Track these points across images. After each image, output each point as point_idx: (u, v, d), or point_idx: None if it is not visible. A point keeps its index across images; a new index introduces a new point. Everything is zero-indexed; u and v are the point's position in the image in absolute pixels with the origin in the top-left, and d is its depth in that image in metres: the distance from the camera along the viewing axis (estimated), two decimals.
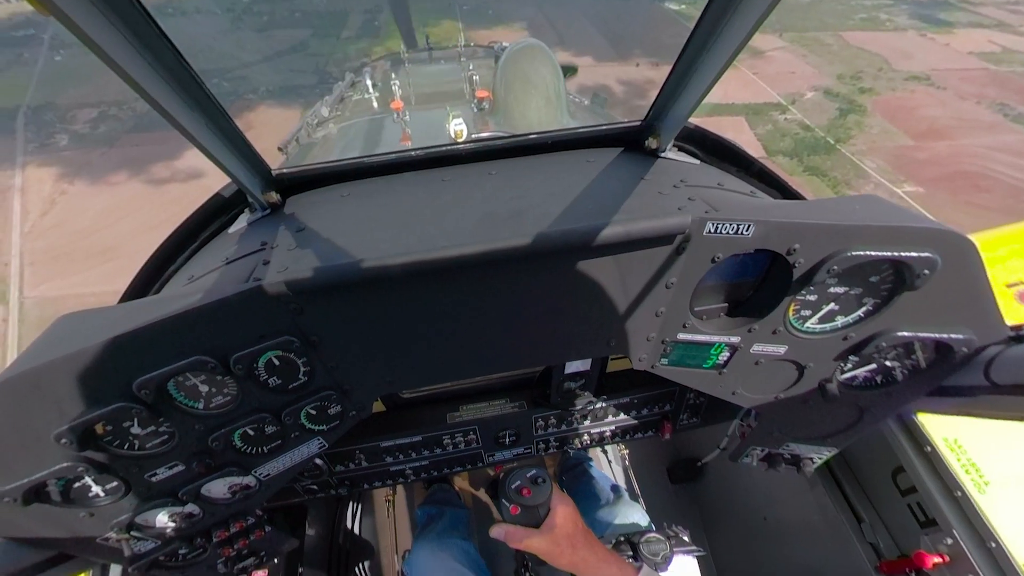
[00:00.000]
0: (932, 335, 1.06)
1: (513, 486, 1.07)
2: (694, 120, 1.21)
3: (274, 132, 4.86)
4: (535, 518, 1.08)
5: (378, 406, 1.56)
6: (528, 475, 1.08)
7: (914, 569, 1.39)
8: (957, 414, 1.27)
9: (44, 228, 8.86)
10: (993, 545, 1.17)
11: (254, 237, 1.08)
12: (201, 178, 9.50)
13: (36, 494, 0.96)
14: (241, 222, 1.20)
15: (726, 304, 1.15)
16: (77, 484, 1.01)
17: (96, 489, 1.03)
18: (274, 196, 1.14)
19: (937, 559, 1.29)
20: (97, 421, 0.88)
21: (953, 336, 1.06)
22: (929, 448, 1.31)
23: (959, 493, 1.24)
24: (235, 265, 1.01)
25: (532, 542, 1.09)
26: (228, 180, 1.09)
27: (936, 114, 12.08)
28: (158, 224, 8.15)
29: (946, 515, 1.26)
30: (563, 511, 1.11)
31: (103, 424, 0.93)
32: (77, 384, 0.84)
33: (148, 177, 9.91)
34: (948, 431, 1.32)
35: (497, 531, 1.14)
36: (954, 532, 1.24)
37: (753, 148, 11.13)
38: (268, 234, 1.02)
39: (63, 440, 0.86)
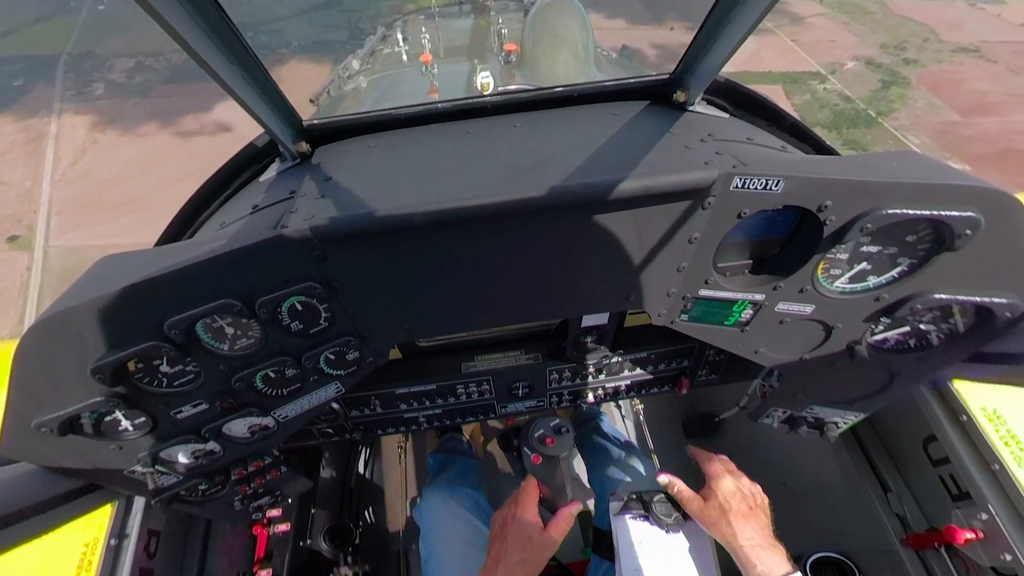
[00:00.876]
0: (972, 298, 1.01)
1: (536, 435, 1.08)
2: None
3: (305, 86, 4.84)
4: (555, 469, 1.08)
5: (395, 353, 1.58)
6: (552, 424, 1.08)
7: (944, 544, 1.36)
8: (997, 383, 1.22)
9: (73, 177, 8.96)
10: None
11: (283, 185, 1.11)
12: (229, 132, 9.49)
13: (71, 426, 1.02)
14: (272, 171, 1.23)
15: (751, 261, 1.12)
16: (108, 418, 1.07)
17: (125, 424, 1.09)
18: (304, 146, 1.16)
19: (970, 535, 1.24)
20: (129, 359, 0.93)
21: (996, 300, 1.00)
22: (965, 417, 1.26)
23: (996, 466, 1.19)
24: (264, 212, 1.04)
25: (693, 504, 1.17)
26: (261, 131, 1.12)
27: (985, 88, 11.22)
28: (182, 177, 8.21)
29: (981, 489, 1.21)
30: (729, 482, 1.18)
31: (135, 362, 0.98)
32: (112, 323, 0.88)
33: (177, 129, 9.93)
34: (987, 400, 1.26)
35: (663, 478, 1.25)
36: (989, 507, 1.19)
37: None
38: (297, 183, 1.05)
39: (97, 376, 0.91)
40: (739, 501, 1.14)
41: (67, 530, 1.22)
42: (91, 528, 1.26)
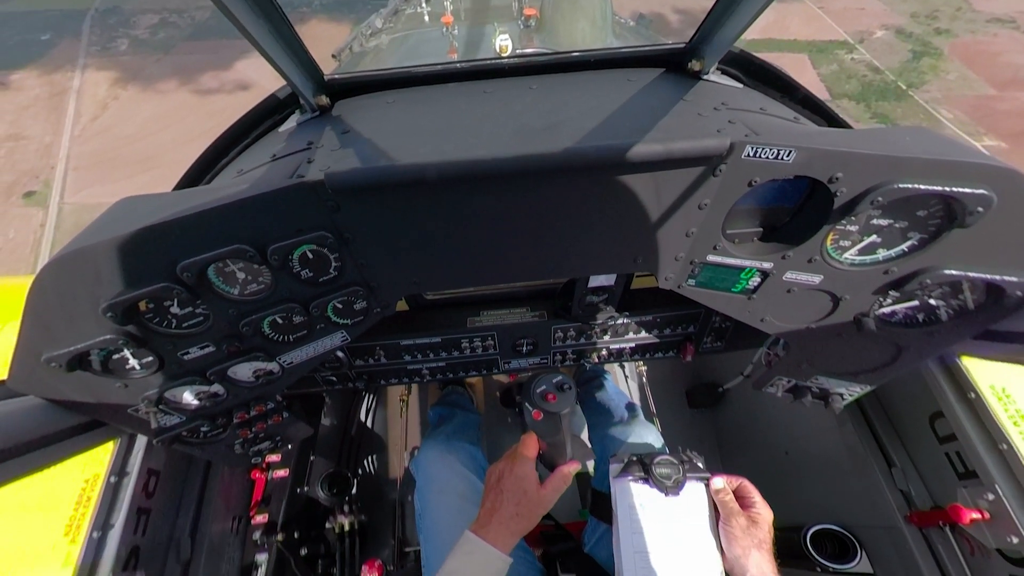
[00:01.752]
0: (983, 275, 1.01)
1: (538, 390, 1.08)
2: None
3: (326, 44, 4.76)
4: (556, 426, 1.07)
5: (402, 305, 1.60)
6: (555, 381, 1.09)
7: (948, 523, 1.36)
8: (1006, 361, 1.23)
9: (93, 133, 8.87)
10: None
11: (302, 137, 1.13)
12: (246, 90, 9.36)
13: (79, 362, 1.05)
14: (291, 122, 1.25)
15: (760, 229, 1.13)
16: (116, 356, 1.10)
17: (133, 362, 1.12)
18: (324, 100, 1.18)
19: (975, 515, 1.24)
20: (141, 299, 0.96)
21: (1007, 278, 1.01)
22: (973, 395, 1.27)
23: (1005, 446, 1.19)
24: (281, 162, 1.06)
25: (738, 519, 1.20)
26: (282, 83, 1.14)
27: (1022, 61, 10.70)
28: (198, 136, 8.12)
29: (988, 468, 1.22)
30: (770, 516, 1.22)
31: (146, 302, 1.01)
32: (127, 263, 0.91)
33: (196, 87, 9.82)
34: (996, 378, 1.27)
35: (718, 481, 1.29)
36: (996, 488, 1.20)
37: (817, 89, 10.04)
38: (315, 134, 1.07)
39: (108, 314, 0.94)
40: (770, 539, 1.17)
41: (69, 465, 1.26)
42: (92, 464, 1.30)
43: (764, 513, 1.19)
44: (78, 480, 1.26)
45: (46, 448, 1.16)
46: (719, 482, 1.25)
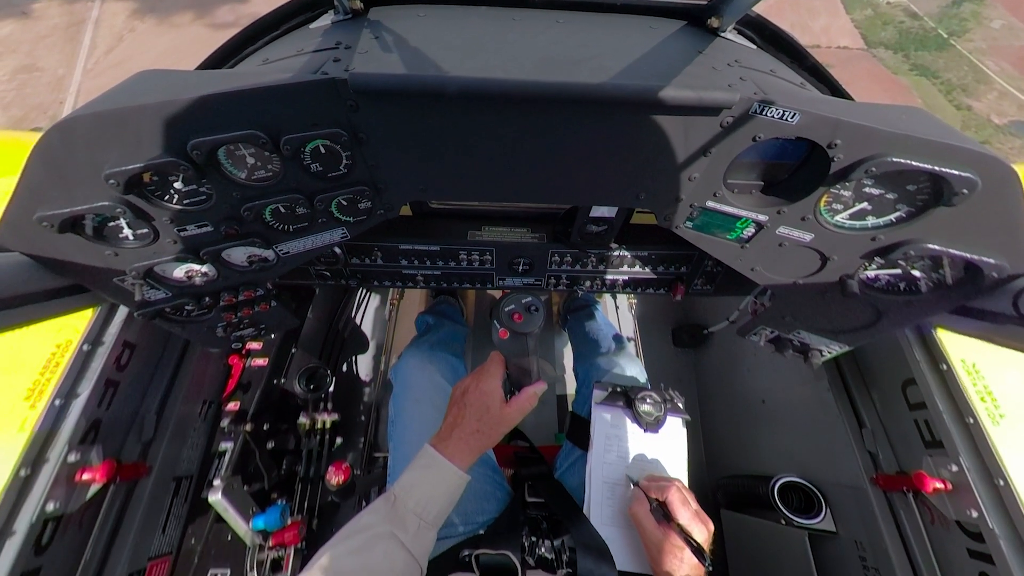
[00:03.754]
0: (963, 253, 1.08)
1: (507, 309, 1.09)
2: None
3: None
4: (522, 347, 1.07)
5: (405, 210, 1.63)
6: (524, 301, 1.09)
7: (912, 489, 1.42)
8: (978, 338, 1.26)
9: (106, 66, 8.61)
10: (1001, 483, 1.18)
11: (331, 36, 1.14)
12: None
13: (72, 225, 1.07)
14: (324, 20, 1.26)
15: (760, 182, 1.20)
16: (111, 224, 1.12)
17: (127, 232, 1.14)
18: (358, 3, 1.18)
19: (938, 484, 1.29)
20: (147, 170, 0.97)
21: (984, 259, 1.08)
22: (945, 367, 1.34)
23: (971, 420, 1.26)
24: (308, 56, 1.07)
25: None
26: None
27: None
28: None
29: (954, 440, 1.29)
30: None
31: (150, 174, 1.02)
32: (138, 133, 0.92)
33: (212, 20, 9.54)
34: (967, 354, 1.34)
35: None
36: (960, 460, 1.26)
37: (850, 37, 9.72)
38: (345, 36, 1.08)
39: (111, 181, 0.95)
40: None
41: (42, 328, 1.27)
42: (67, 330, 1.31)
43: (707, 528, 1.13)
44: (48, 345, 1.27)
45: (21, 308, 1.15)
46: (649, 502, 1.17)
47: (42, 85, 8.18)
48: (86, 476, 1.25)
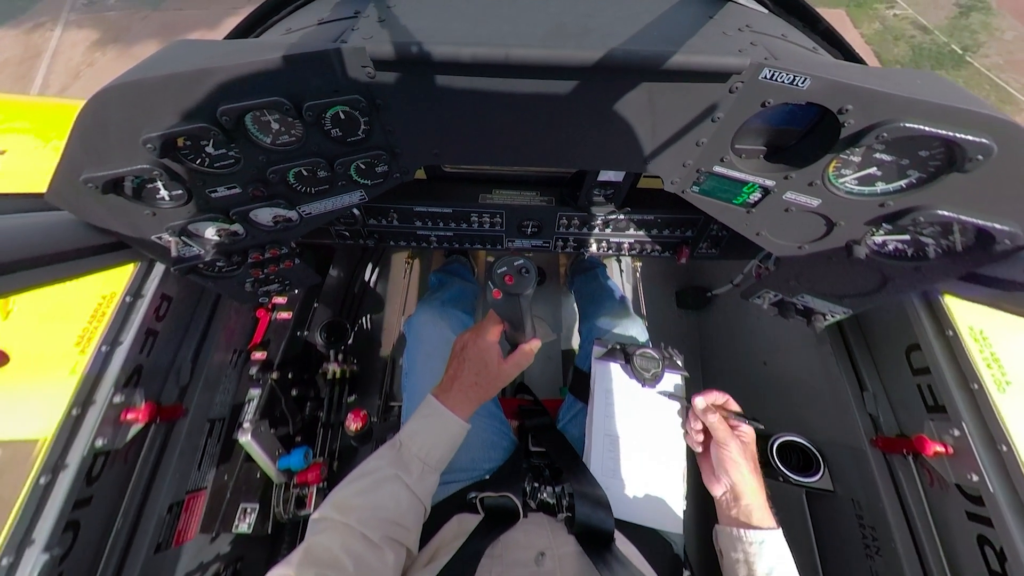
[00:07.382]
0: (975, 220, 1.07)
1: (499, 271, 1.14)
2: None
3: None
4: (514, 307, 1.14)
5: (420, 174, 1.68)
6: (516, 263, 1.14)
7: (912, 452, 1.43)
8: (987, 305, 1.28)
9: None
10: (1004, 448, 1.17)
11: (350, 5, 1.19)
12: None
13: (114, 186, 1.16)
14: None
15: (767, 148, 1.20)
16: (149, 185, 1.21)
17: (164, 193, 1.23)
18: None
19: (939, 448, 1.30)
20: (180, 135, 1.05)
21: (997, 226, 1.06)
22: (951, 332, 1.33)
23: (975, 386, 1.24)
24: (328, 26, 1.13)
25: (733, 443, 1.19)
26: None
27: None
28: None
29: (957, 405, 1.27)
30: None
31: (184, 139, 1.10)
32: (172, 100, 0.99)
33: None
34: (974, 320, 1.32)
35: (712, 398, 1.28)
36: (963, 424, 1.25)
37: (864, 54, 8.79)
38: (362, 4, 1.14)
39: (148, 145, 1.03)
40: (757, 459, 1.21)
41: (89, 281, 1.37)
42: (111, 283, 1.41)
43: (749, 432, 1.22)
44: (95, 296, 1.37)
45: (71, 262, 1.27)
46: (701, 402, 1.26)
47: None
48: (130, 416, 1.36)
